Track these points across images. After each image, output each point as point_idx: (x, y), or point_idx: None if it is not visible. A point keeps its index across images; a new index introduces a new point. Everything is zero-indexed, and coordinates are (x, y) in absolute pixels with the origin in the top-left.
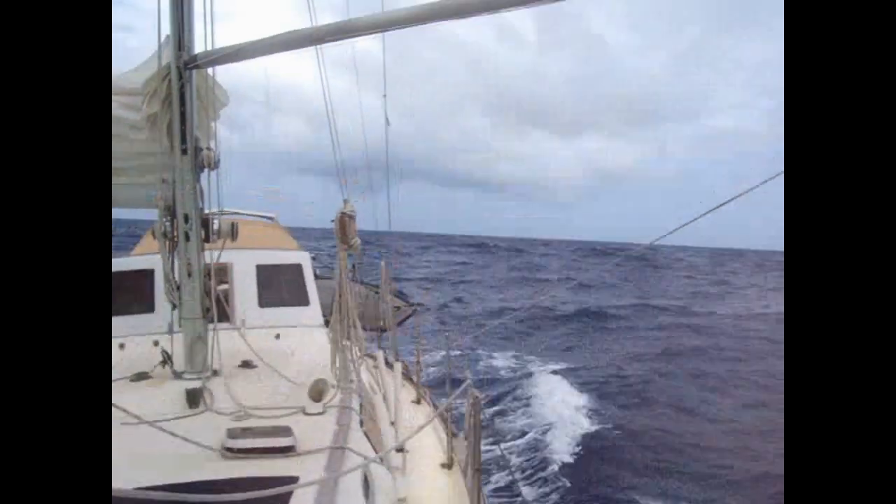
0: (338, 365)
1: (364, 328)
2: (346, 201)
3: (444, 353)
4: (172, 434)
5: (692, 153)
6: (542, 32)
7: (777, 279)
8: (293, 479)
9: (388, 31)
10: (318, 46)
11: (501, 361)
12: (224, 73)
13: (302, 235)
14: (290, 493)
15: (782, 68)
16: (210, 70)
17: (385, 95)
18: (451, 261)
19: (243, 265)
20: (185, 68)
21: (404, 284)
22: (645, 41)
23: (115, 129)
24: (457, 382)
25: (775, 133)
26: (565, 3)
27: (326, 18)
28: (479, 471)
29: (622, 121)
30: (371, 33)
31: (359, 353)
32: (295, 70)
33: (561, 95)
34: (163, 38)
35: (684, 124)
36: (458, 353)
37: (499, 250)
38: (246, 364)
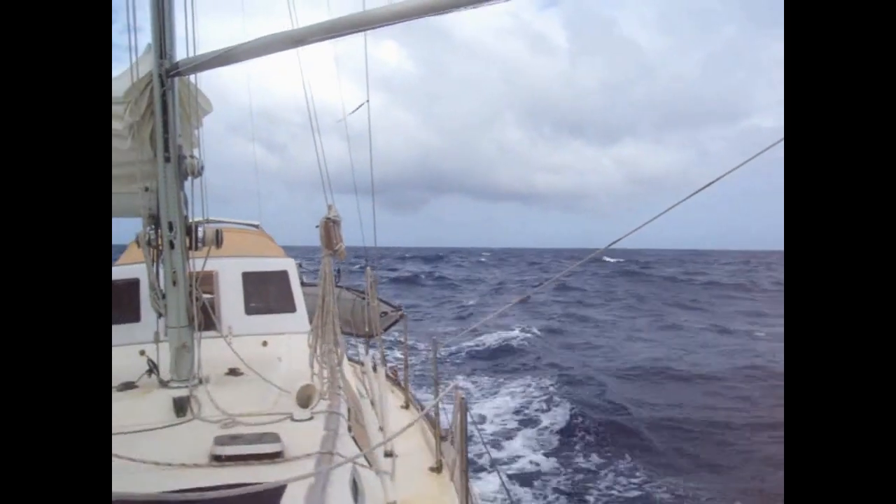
0: (315, 370)
1: (351, 334)
2: (330, 206)
3: (431, 356)
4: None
5: (733, 154)
6: (574, 41)
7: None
8: (281, 486)
9: (370, 29)
10: (300, 50)
11: None
12: (258, 96)
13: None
14: (279, 497)
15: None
16: (192, 77)
17: (368, 101)
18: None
19: (229, 273)
20: (166, 76)
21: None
22: (678, 43)
23: None
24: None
25: None
26: (595, 8)
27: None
28: (466, 472)
29: (660, 125)
30: (353, 32)
31: (337, 359)
32: (333, 90)
33: (596, 103)
34: (143, 47)
35: (724, 126)
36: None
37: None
38: (233, 372)
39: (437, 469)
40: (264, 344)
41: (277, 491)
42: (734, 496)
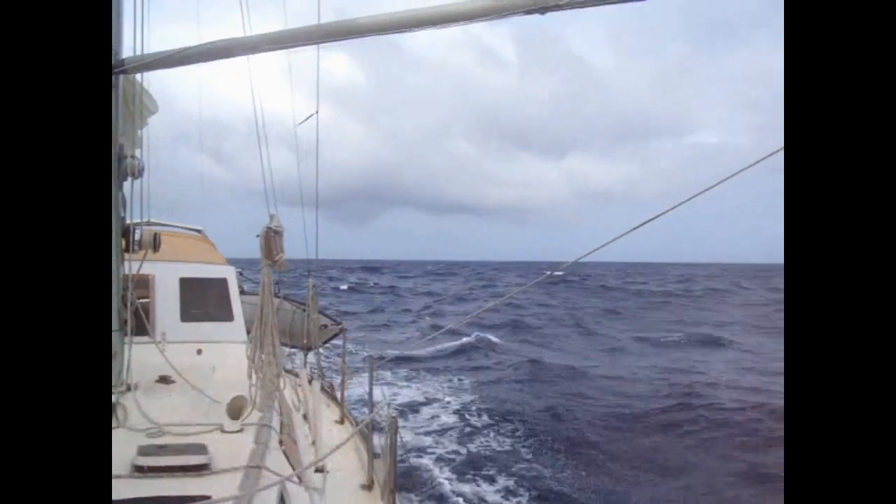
0: (254, 381)
1: (289, 346)
2: (272, 216)
3: (367, 373)
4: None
5: (677, 170)
6: (523, 54)
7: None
8: (205, 499)
9: (323, 42)
10: (251, 59)
11: None
12: (208, 103)
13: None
14: None
15: (762, 82)
16: (139, 76)
17: (317, 112)
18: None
19: (166, 277)
20: (111, 73)
21: None
22: (623, 61)
23: None
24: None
25: (761, 147)
26: (543, 24)
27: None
28: (394, 491)
29: (606, 140)
30: (307, 44)
31: (276, 371)
32: (280, 101)
33: (544, 117)
34: None
35: (670, 140)
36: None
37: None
38: (164, 379)
39: (369, 487)
40: (199, 352)
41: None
42: None
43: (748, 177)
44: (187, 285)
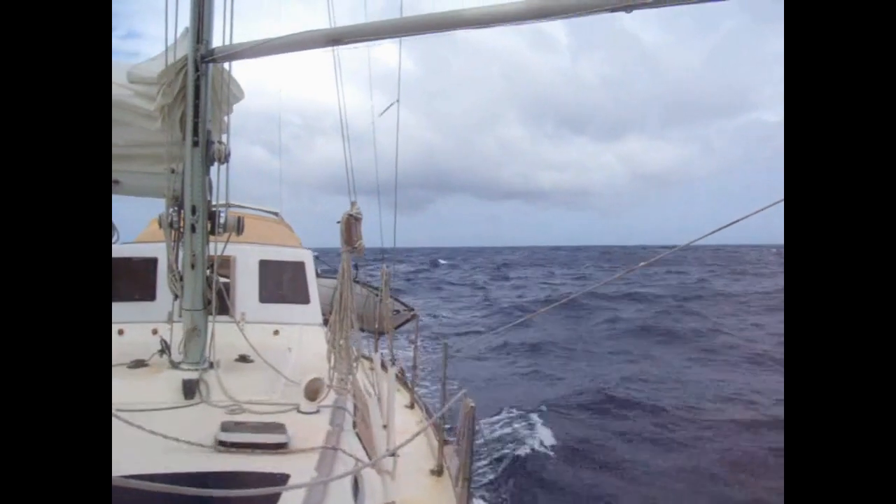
0: (333, 365)
1: (362, 330)
2: (353, 203)
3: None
4: (163, 435)
5: (737, 148)
6: (574, 36)
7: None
8: (284, 477)
9: (405, 36)
10: (337, 51)
11: None
12: (261, 97)
13: None
14: (282, 486)
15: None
16: (226, 64)
17: (398, 100)
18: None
19: (247, 260)
20: (201, 62)
21: None
22: (679, 38)
23: (127, 118)
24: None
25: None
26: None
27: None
28: (469, 480)
29: (662, 120)
30: (389, 38)
31: (355, 355)
32: (331, 89)
33: (598, 99)
34: (180, 31)
35: (726, 120)
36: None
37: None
38: (243, 358)
39: (438, 472)
40: (276, 333)
41: (280, 482)
42: None
43: None
44: (266, 267)
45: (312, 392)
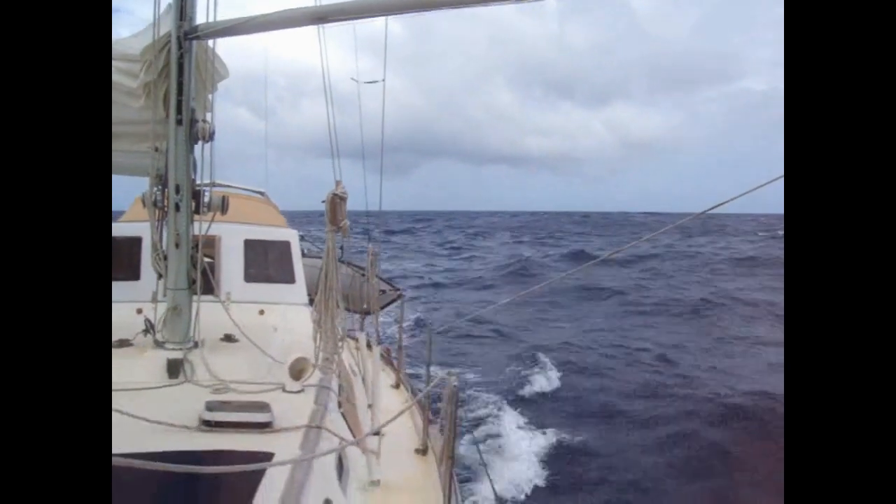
0: (318, 345)
1: (348, 310)
2: (337, 182)
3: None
4: (144, 420)
5: (727, 116)
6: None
7: None
8: (268, 455)
9: (392, 14)
10: (322, 26)
11: None
12: (245, 59)
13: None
14: (264, 469)
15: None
16: (210, 42)
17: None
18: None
19: (231, 239)
20: (185, 38)
21: None
22: (667, 3)
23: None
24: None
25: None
26: None
27: None
28: (453, 459)
29: (650, 87)
30: (376, 15)
31: (340, 335)
32: (315, 51)
33: (586, 64)
34: (163, 7)
35: (716, 87)
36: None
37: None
38: (228, 338)
39: (423, 451)
40: (261, 312)
41: (264, 460)
42: None
43: None
44: (251, 247)
45: (297, 371)
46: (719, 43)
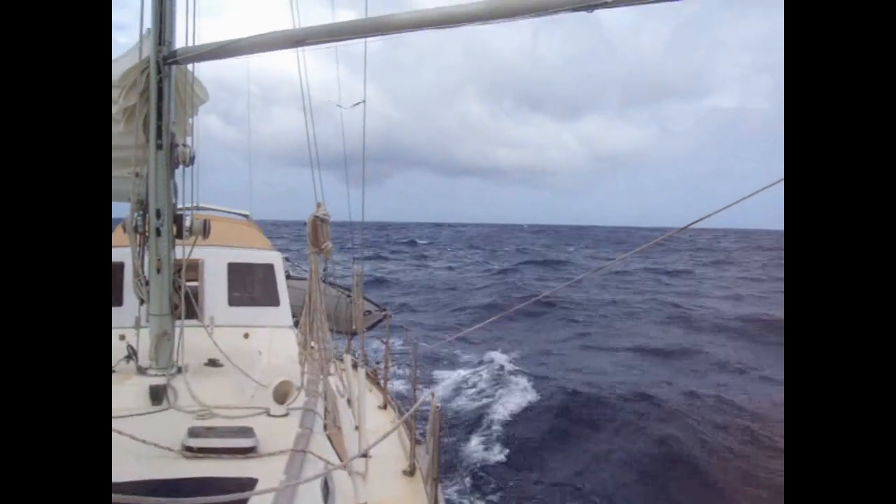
0: (304, 368)
1: (332, 330)
2: (319, 204)
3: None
4: (132, 436)
5: (696, 131)
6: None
7: None
8: (253, 482)
9: (369, 36)
10: (300, 51)
11: None
12: (215, 65)
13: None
14: (250, 492)
15: (779, 47)
16: (190, 66)
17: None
18: None
19: (214, 263)
20: (164, 63)
21: None
22: (639, 20)
23: None
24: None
25: (777, 110)
26: None
27: (311, 17)
28: (438, 480)
29: (621, 102)
30: (354, 38)
31: (325, 357)
32: (290, 60)
33: (558, 78)
34: (144, 31)
35: (684, 105)
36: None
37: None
38: (212, 363)
39: (410, 472)
40: (246, 336)
41: (248, 486)
42: None
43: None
44: (235, 270)
45: (281, 395)
46: (688, 60)
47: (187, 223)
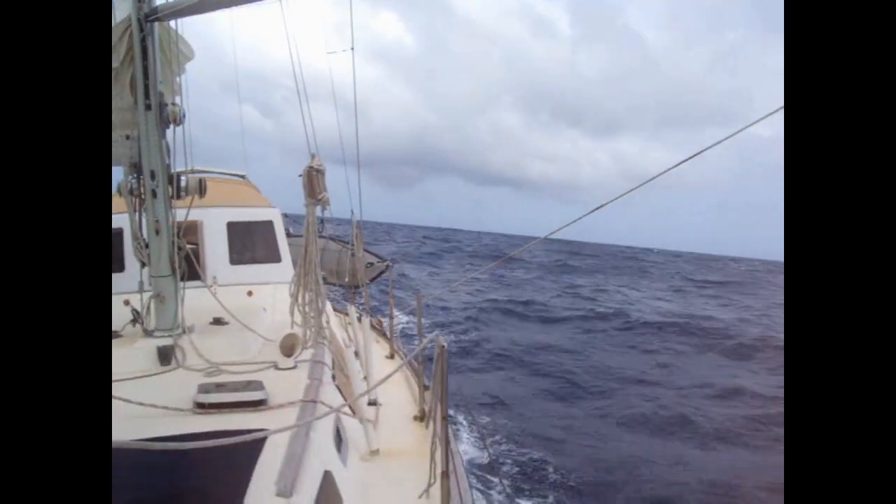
0: (297, 319)
1: (333, 284)
2: (313, 156)
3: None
4: (140, 403)
5: (731, 159)
6: (577, 27)
7: None
8: (262, 431)
9: None
10: (287, 6)
11: None
12: (255, 59)
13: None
14: (261, 444)
15: None
16: (173, 22)
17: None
18: None
19: (214, 222)
20: (145, 21)
21: None
22: (680, 41)
23: None
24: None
25: None
26: None
27: None
28: (446, 419)
29: (657, 122)
30: None
31: (320, 307)
32: (327, 60)
33: (596, 93)
34: None
35: (722, 129)
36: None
37: None
38: (217, 321)
39: (421, 418)
40: (249, 294)
41: (260, 439)
42: None
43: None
44: (235, 229)
45: (288, 348)
46: (728, 85)
47: (183, 183)
